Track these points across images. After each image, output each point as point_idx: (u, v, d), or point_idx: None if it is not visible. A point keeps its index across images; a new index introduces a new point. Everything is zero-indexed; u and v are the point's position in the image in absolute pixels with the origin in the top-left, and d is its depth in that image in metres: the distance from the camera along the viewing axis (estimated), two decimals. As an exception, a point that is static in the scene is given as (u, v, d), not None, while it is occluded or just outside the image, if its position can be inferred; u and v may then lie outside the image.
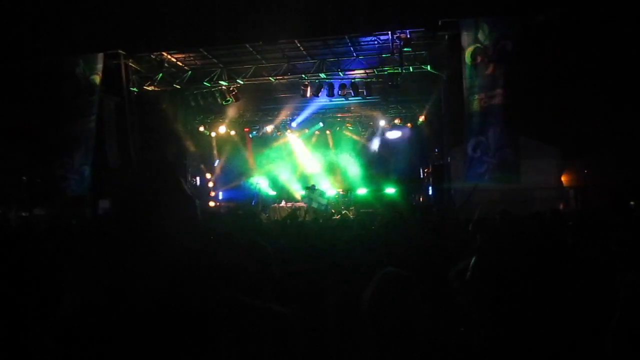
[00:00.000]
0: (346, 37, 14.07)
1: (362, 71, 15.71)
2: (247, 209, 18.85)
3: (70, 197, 14.47)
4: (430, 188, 17.14)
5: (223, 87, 16.29)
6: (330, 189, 21.16)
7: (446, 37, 13.24)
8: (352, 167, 21.69)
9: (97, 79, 14.58)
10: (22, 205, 14.86)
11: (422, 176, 19.78)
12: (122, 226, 1.88)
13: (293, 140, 22.10)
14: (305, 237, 5.76)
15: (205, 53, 15.28)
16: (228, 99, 16.35)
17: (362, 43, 14.79)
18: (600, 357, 1.99)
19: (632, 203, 13.18)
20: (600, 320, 2.22)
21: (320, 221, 9.76)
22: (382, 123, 20.60)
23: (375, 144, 21.70)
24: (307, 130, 21.78)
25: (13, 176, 15.43)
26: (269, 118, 21.23)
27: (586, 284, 2.79)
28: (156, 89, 16.30)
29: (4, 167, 15.19)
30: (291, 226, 7.29)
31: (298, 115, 20.55)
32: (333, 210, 18.00)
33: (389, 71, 14.99)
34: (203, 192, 21.63)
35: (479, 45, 12.28)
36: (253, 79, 16.04)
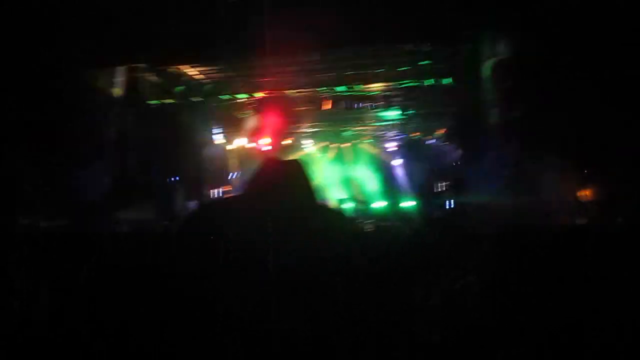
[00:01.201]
0: (365, 50, 14.06)
1: (380, 84, 15.67)
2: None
3: (90, 207, 14.57)
4: (447, 202, 17.01)
5: (241, 99, 16.39)
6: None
7: (465, 50, 13.21)
8: (369, 180, 21.62)
9: (116, 91, 14.77)
10: (43, 216, 14.95)
11: (439, 190, 19.65)
12: None
13: (310, 153, 22.12)
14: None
15: (224, 66, 15.37)
16: (246, 111, 16.46)
17: (381, 56, 14.77)
18: None
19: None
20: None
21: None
22: (400, 136, 20.57)
23: (393, 157, 21.64)
24: (324, 143, 21.82)
25: (33, 186, 15.57)
26: (287, 131, 21.27)
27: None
28: (174, 101, 16.43)
29: (24, 177, 15.34)
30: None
31: (316, 127, 20.60)
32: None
33: (407, 84, 14.95)
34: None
35: (497, 58, 12.22)
36: (271, 91, 16.08)
